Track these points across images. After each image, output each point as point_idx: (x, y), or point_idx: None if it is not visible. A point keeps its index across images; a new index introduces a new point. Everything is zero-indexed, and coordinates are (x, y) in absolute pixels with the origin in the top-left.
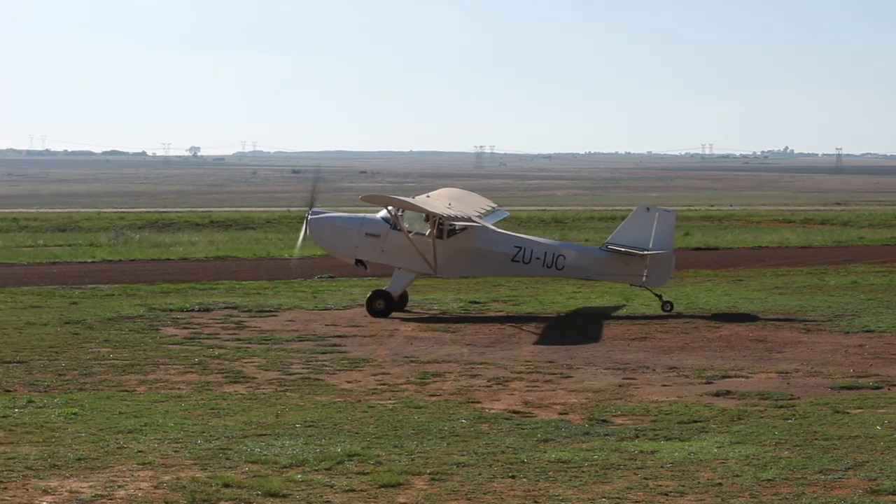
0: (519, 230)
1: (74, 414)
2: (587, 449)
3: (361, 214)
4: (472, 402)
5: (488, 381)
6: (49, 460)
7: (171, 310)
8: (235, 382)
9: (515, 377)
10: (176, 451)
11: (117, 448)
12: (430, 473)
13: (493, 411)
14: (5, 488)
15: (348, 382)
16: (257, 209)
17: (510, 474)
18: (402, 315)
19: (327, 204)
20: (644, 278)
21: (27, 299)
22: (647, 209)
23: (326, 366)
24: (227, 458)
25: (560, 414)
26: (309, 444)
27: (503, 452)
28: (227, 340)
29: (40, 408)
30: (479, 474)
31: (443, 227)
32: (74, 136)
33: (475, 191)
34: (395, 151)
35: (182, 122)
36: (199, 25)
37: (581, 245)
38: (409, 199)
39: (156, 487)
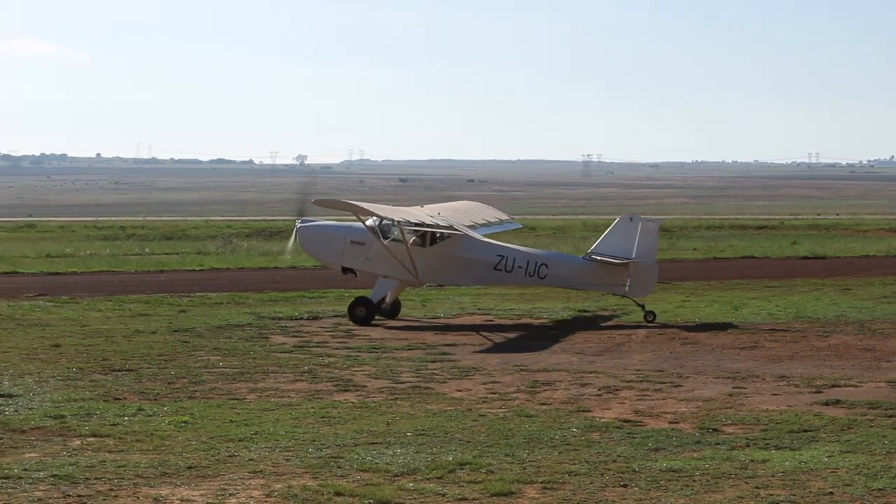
0: None
1: (185, 422)
2: (698, 458)
3: (348, 223)
4: (583, 411)
5: (599, 390)
6: (160, 468)
7: (279, 318)
8: (346, 391)
9: (626, 386)
10: (287, 460)
11: (228, 456)
12: (541, 482)
13: (603, 420)
14: (116, 496)
15: (459, 391)
16: None
17: (622, 483)
18: (511, 323)
19: None
20: (627, 288)
21: (135, 307)
22: (631, 219)
23: (436, 374)
24: (339, 467)
25: (671, 423)
26: (420, 453)
27: (614, 461)
28: (337, 349)
29: (150, 416)
30: (591, 483)
31: (425, 235)
32: (181, 144)
33: (583, 199)
34: (502, 160)
35: (289, 131)
36: (306, 34)
37: (564, 254)
38: (357, 203)
39: (267, 496)
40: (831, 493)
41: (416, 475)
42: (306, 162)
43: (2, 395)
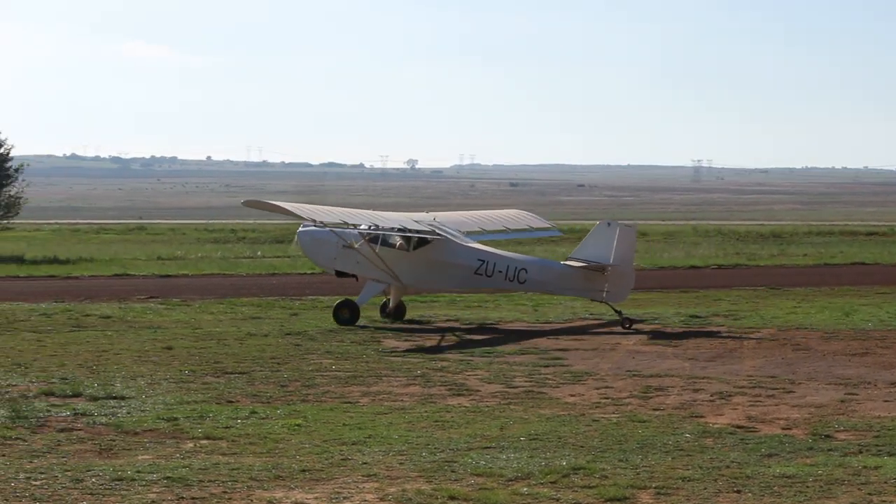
0: (737, 245)
1: (298, 425)
2: (811, 464)
3: (343, 228)
4: (696, 417)
5: (711, 396)
6: (273, 471)
7: (390, 321)
8: (459, 395)
9: (738, 392)
10: (401, 464)
11: (342, 460)
12: (655, 488)
13: (716, 426)
14: (230, 499)
15: (571, 396)
16: None
17: (735, 489)
18: (619, 329)
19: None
20: (604, 293)
21: (247, 310)
22: (608, 224)
23: (549, 379)
24: (453, 471)
25: (783, 429)
26: (534, 458)
27: (728, 467)
28: (450, 353)
29: (263, 419)
30: (705, 489)
31: (409, 239)
32: (292, 147)
33: (693, 204)
34: (612, 165)
35: (400, 135)
36: (416, 38)
37: (544, 259)
38: (284, 204)
39: (381, 499)
40: None
41: (529, 480)
42: (417, 166)
43: (114, 397)
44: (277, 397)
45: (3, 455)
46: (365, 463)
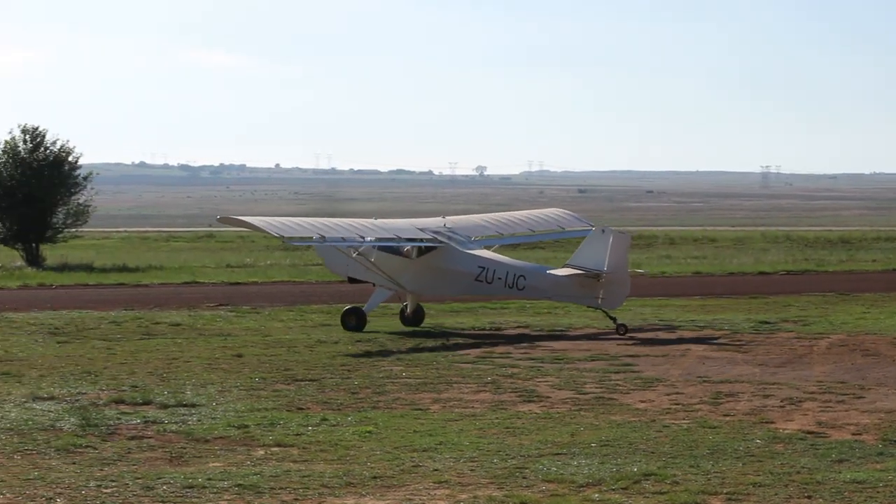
0: (806, 251)
1: (369, 432)
2: (882, 469)
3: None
4: (766, 422)
5: (781, 402)
6: (344, 478)
7: (462, 329)
8: (529, 401)
9: (808, 397)
10: (472, 470)
11: (413, 466)
12: (726, 493)
13: (787, 431)
14: None
15: (642, 402)
16: None
17: (806, 494)
18: (692, 334)
19: (616, 224)
20: (599, 300)
21: (317, 317)
22: (603, 231)
23: (620, 385)
24: (524, 477)
25: (853, 434)
26: (605, 464)
27: (798, 473)
28: (520, 359)
29: (334, 426)
30: (776, 494)
31: (414, 247)
32: (361, 154)
33: (762, 210)
34: (681, 171)
35: (469, 142)
36: (485, 46)
37: (542, 265)
38: (250, 219)
39: None
40: None
41: (600, 486)
42: (485, 173)
43: (185, 405)
44: (348, 404)
45: (74, 463)
46: (436, 469)
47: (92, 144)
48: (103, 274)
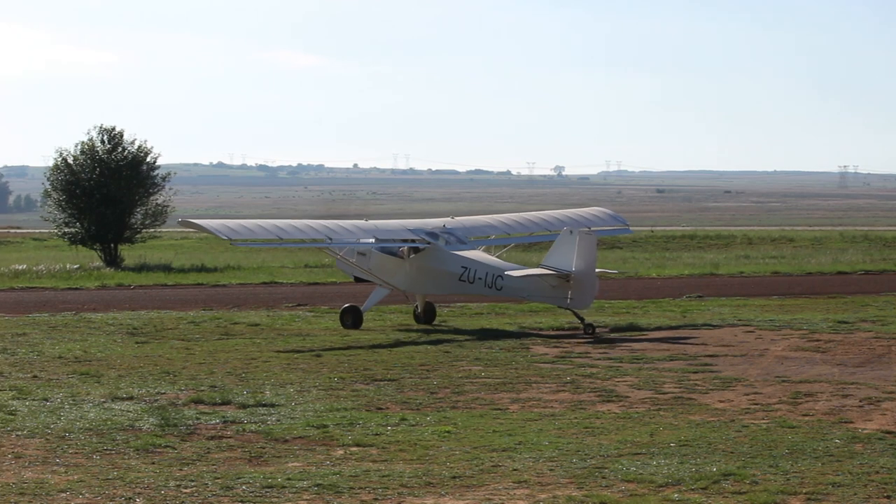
0: (884, 251)
1: (448, 432)
2: None
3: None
4: (845, 422)
5: (860, 401)
6: (424, 478)
7: (540, 328)
8: (608, 401)
9: (887, 397)
10: (551, 470)
11: (492, 466)
12: (806, 493)
13: (866, 431)
14: None
15: (721, 402)
16: None
17: (885, 494)
18: (771, 334)
19: (695, 224)
20: (568, 300)
21: (395, 318)
22: (571, 232)
23: (698, 385)
24: (603, 477)
25: None
26: (684, 464)
27: (878, 472)
28: (598, 359)
29: (413, 426)
30: (855, 494)
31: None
32: (438, 155)
33: (840, 210)
34: (758, 171)
35: (547, 142)
36: (562, 46)
37: (519, 266)
38: (203, 222)
39: None
40: None
41: (680, 486)
42: (564, 173)
43: (264, 405)
44: (427, 404)
45: (154, 463)
46: (515, 469)
47: (170, 145)
48: (182, 274)
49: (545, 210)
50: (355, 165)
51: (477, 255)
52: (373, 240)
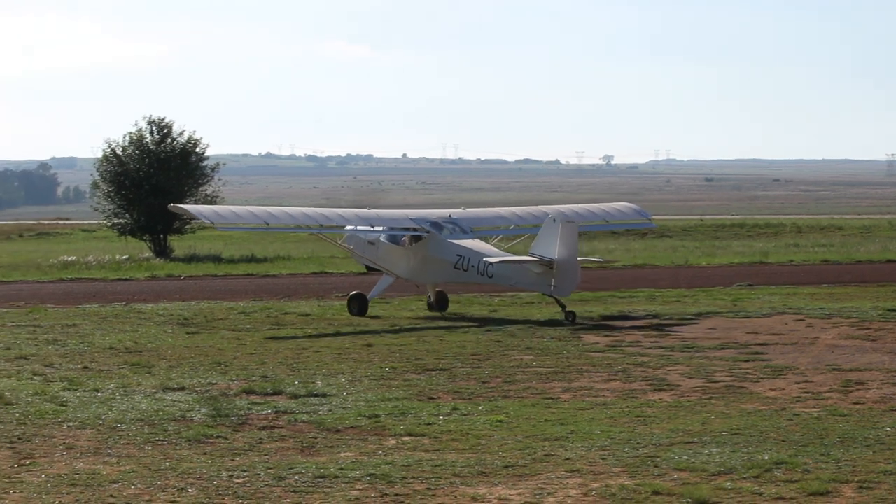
0: None
1: (500, 421)
2: None
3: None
4: None
5: None
6: (476, 467)
7: (591, 317)
8: (660, 390)
9: None
10: (604, 459)
11: (544, 455)
12: (857, 482)
13: None
14: (434, 495)
15: (772, 390)
16: (672, 217)
17: None
18: (821, 322)
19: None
20: (552, 287)
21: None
22: (554, 220)
23: (749, 374)
24: (656, 466)
25: None
26: (736, 452)
27: None
28: (650, 348)
29: (465, 415)
30: None
31: (408, 236)
32: (487, 144)
33: (888, 199)
34: (807, 160)
35: (595, 131)
36: (610, 36)
37: (507, 254)
38: (189, 207)
39: (585, 495)
40: None
41: (732, 474)
42: (612, 162)
43: (315, 395)
44: (479, 393)
45: (205, 453)
46: (568, 458)
47: (219, 136)
48: (231, 264)
49: (578, 203)
50: (404, 155)
51: (473, 244)
52: (371, 227)
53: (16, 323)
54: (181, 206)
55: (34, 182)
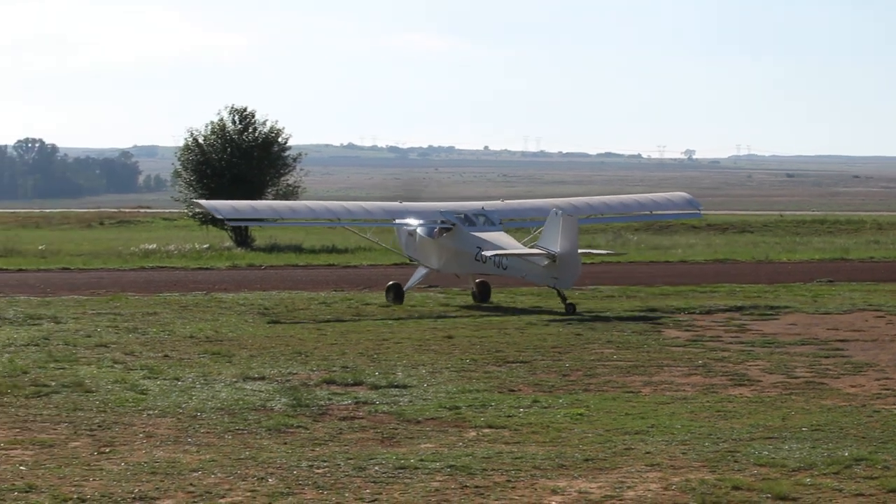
0: None
1: (580, 414)
2: None
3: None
4: None
5: None
6: (556, 460)
7: (672, 312)
8: (740, 385)
9: None
10: (684, 453)
11: (624, 449)
12: None
13: None
14: (514, 487)
15: (852, 387)
16: (753, 213)
17: None
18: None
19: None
20: (555, 280)
21: (526, 300)
22: (557, 213)
23: (830, 370)
24: (735, 461)
25: None
26: (816, 448)
27: None
28: (730, 343)
29: (545, 408)
30: None
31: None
32: (569, 138)
33: None
34: (887, 156)
35: (677, 125)
36: (694, 31)
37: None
38: (203, 202)
39: (665, 489)
40: None
41: (812, 470)
42: (694, 156)
43: (396, 386)
44: (559, 386)
45: (286, 443)
46: (648, 452)
47: (302, 126)
48: (312, 255)
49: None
50: (486, 147)
51: (494, 236)
52: (395, 220)
53: (96, 311)
54: (200, 201)
55: (115, 170)
